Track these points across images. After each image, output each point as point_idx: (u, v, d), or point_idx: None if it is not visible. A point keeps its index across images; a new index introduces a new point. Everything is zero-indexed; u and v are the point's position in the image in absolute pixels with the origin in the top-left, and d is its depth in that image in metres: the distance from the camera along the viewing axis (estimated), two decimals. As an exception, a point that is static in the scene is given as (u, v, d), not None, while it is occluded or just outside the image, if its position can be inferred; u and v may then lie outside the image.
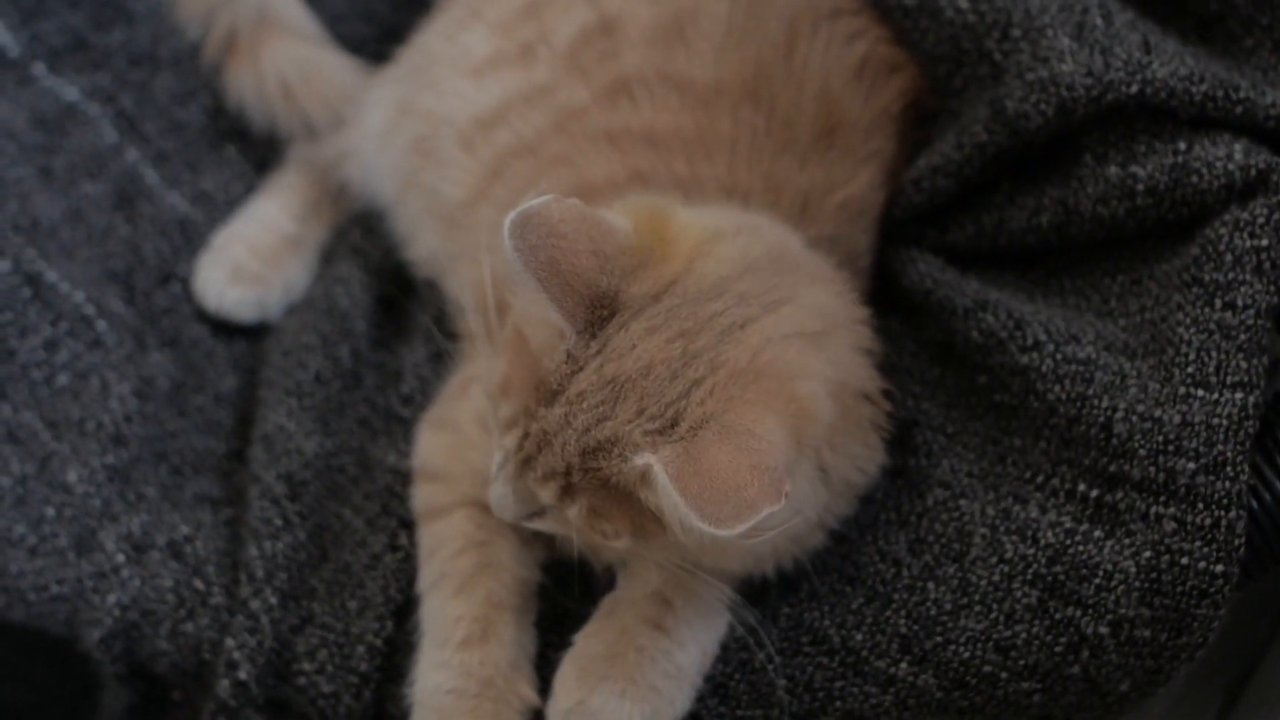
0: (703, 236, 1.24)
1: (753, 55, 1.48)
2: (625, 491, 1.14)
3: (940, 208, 1.48)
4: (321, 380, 1.56)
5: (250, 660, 1.39)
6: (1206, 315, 1.28)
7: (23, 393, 1.53)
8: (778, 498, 1.08)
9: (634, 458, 1.12)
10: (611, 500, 1.16)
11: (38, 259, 1.58)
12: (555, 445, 1.16)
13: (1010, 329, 1.35)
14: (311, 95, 1.73)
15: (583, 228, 1.17)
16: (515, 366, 1.20)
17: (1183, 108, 1.35)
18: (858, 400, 1.27)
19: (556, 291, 1.15)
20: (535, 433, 1.17)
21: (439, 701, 1.30)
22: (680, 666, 1.30)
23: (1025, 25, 1.39)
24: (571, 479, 1.16)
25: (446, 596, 1.35)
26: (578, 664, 1.29)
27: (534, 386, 1.18)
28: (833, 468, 1.24)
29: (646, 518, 1.15)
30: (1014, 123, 1.38)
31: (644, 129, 1.42)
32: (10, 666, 1.71)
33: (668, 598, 1.31)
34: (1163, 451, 1.24)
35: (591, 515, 1.17)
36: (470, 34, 1.62)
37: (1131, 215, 1.36)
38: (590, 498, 1.16)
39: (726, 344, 1.17)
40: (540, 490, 1.18)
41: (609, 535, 1.18)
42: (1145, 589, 1.23)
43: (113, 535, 1.47)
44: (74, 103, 1.71)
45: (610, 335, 1.17)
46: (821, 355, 1.21)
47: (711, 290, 1.20)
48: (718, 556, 1.24)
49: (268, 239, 1.69)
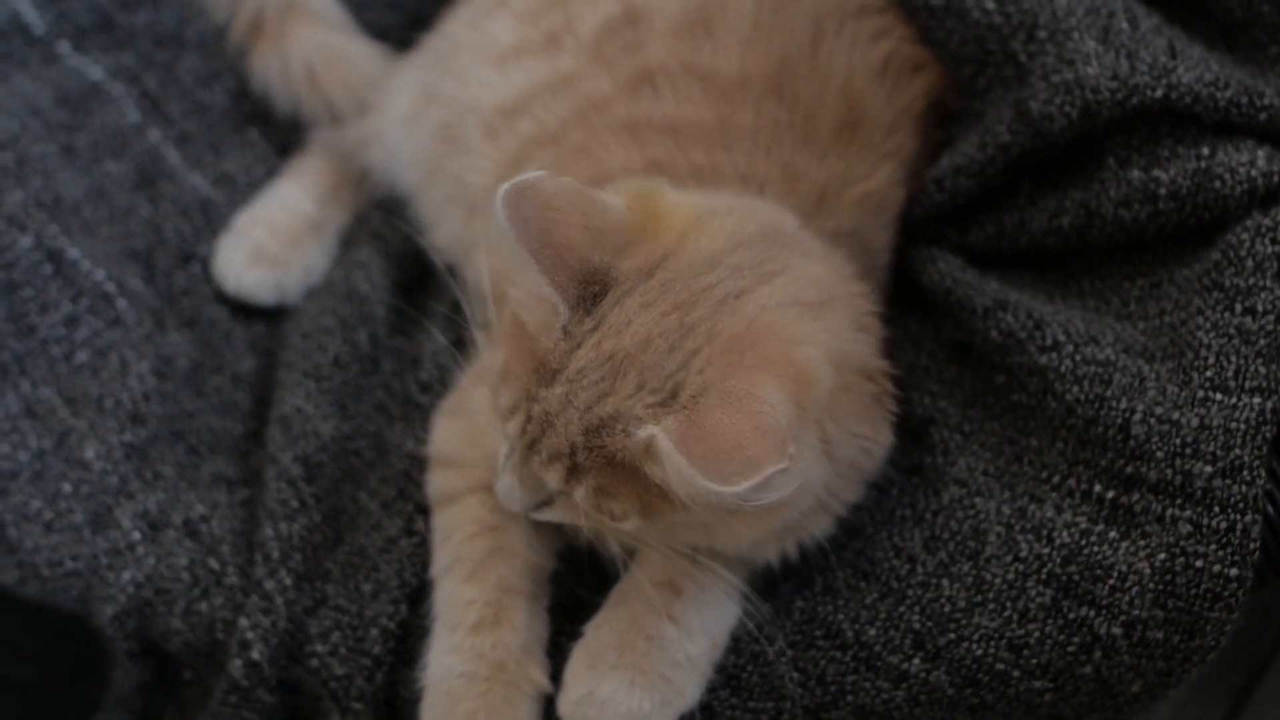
0: (695, 214, 1.25)
1: (778, 50, 1.48)
2: (631, 468, 1.14)
3: (961, 208, 1.49)
4: (340, 364, 1.56)
5: (264, 641, 1.39)
6: (1226, 320, 1.28)
7: (42, 368, 1.54)
8: (781, 457, 1.08)
9: (637, 431, 1.12)
10: (618, 478, 1.16)
11: (60, 235, 1.59)
12: (558, 425, 1.16)
13: (1030, 329, 1.36)
14: (336, 81, 1.73)
15: (576, 203, 1.18)
16: (514, 353, 1.21)
17: (1207, 113, 1.35)
18: (858, 376, 1.26)
19: (549, 264, 1.16)
20: (537, 415, 1.17)
21: (450, 685, 1.31)
22: (690, 656, 1.30)
23: (1051, 27, 1.39)
24: (576, 459, 1.16)
25: (459, 581, 1.35)
26: (587, 654, 1.30)
27: (533, 369, 1.18)
28: (836, 442, 1.23)
29: (654, 494, 1.15)
30: (1038, 124, 1.38)
31: (665, 119, 1.43)
32: (19, 645, 1.72)
33: (678, 587, 1.31)
34: (1180, 454, 1.25)
35: (599, 496, 1.17)
36: (496, 22, 1.63)
37: (1153, 219, 1.37)
38: (596, 477, 1.16)
39: (722, 314, 1.17)
40: (546, 474, 1.18)
41: (617, 516, 1.18)
42: (1159, 591, 1.23)
43: (129, 513, 1.48)
44: (98, 82, 1.72)
45: (605, 311, 1.18)
46: (819, 324, 1.21)
47: (705, 264, 1.21)
48: (726, 536, 1.24)
49: (288, 222, 1.70)
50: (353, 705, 1.38)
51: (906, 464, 1.41)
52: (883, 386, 1.30)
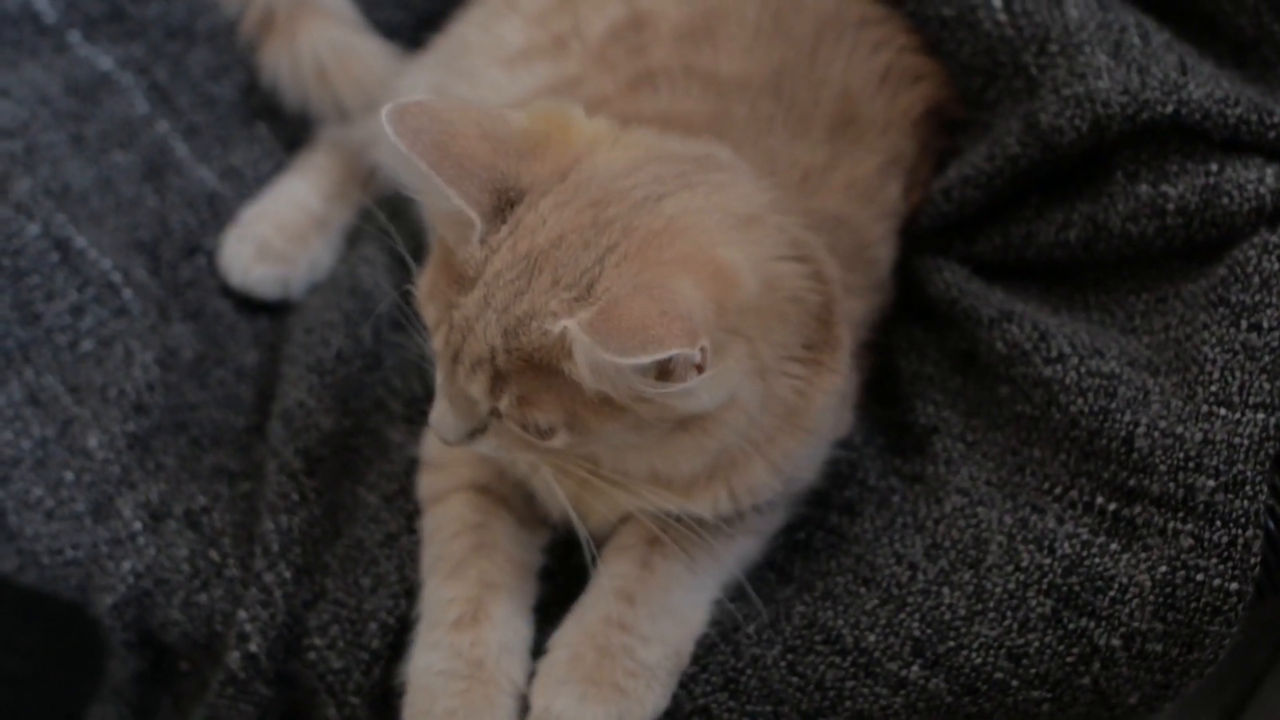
0: (609, 130, 1.24)
1: (777, 56, 1.49)
2: (552, 370, 1.13)
3: (968, 219, 1.49)
4: (343, 358, 1.57)
5: (262, 633, 1.39)
6: (1232, 335, 1.29)
7: (46, 356, 1.54)
8: (688, 342, 1.06)
9: (552, 328, 1.11)
10: (539, 383, 1.14)
11: (67, 224, 1.58)
12: (477, 330, 1.15)
13: (1035, 340, 1.36)
14: (345, 78, 1.73)
15: (468, 115, 1.17)
16: (439, 271, 1.20)
17: (1216, 129, 1.36)
18: (794, 306, 1.23)
19: (451, 174, 1.15)
20: (458, 322, 1.16)
21: (429, 682, 1.31)
22: (646, 664, 1.30)
23: (1063, 41, 1.40)
24: (497, 364, 1.14)
25: (441, 579, 1.36)
26: (545, 670, 1.30)
27: (453, 280, 1.18)
28: (770, 370, 1.22)
29: (578, 403, 1.14)
30: (1047, 137, 1.39)
31: (658, 113, 1.43)
32: (11, 636, 1.71)
33: (630, 593, 1.31)
34: (1183, 468, 1.25)
35: (523, 406, 1.15)
36: (505, 24, 1.63)
37: (1160, 234, 1.38)
38: (518, 385, 1.15)
39: (640, 213, 1.16)
40: (471, 386, 1.16)
41: (544, 431, 1.16)
42: (1159, 603, 1.24)
43: (130, 502, 1.48)
44: (108, 72, 1.72)
45: (520, 216, 1.17)
46: (745, 234, 1.20)
47: (623, 170, 1.20)
48: (660, 457, 1.22)
49: (295, 218, 1.70)
50: (349, 700, 1.38)
51: (909, 472, 1.42)
52: (831, 334, 1.28)
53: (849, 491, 1.43)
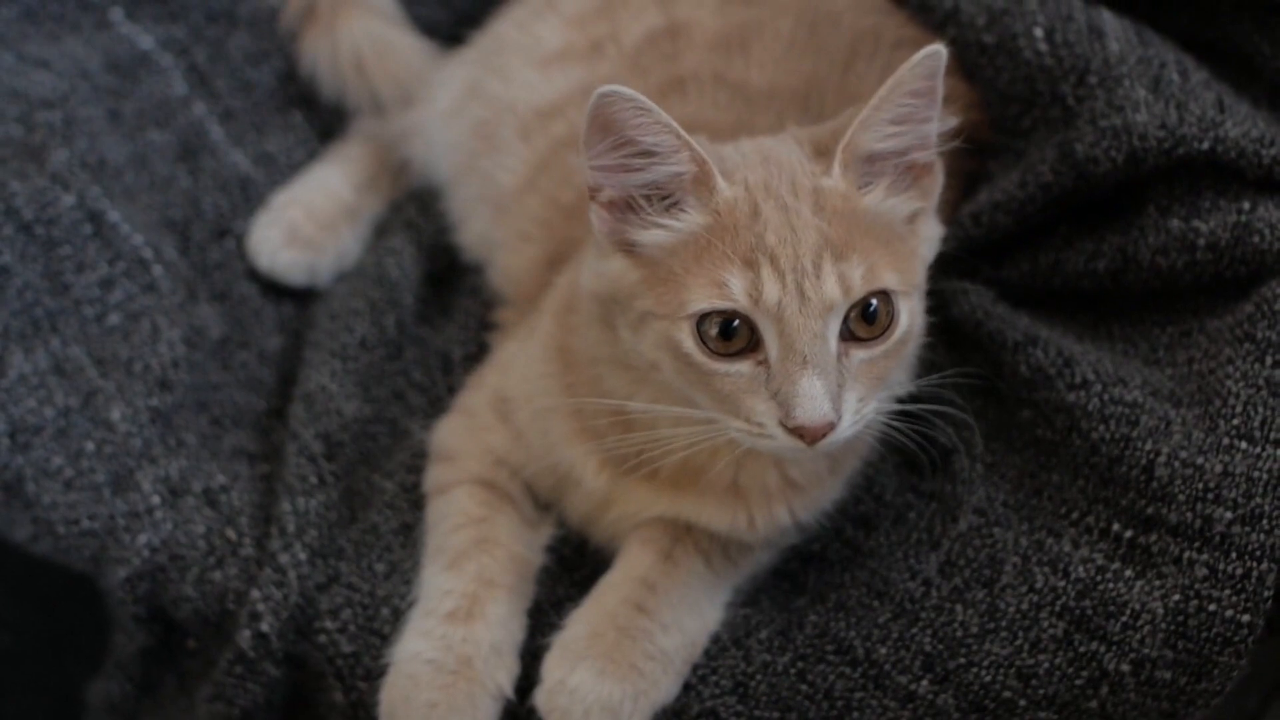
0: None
1: (809, 69, 1.51)
2: (855, 214, 1.20)
3: (997, 244, 1.50)
4: (366, 346, 1.57)
5: (274, 614, 1.40)
6: (1256, 371, 1.31)
7: (73, 327, 1.54)
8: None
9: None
10: (854, 230, 1.20)
11: (101, 197, 1.59)
12: (794, 224, 1.19)
13: (1059, 366, 1.37)
14: (383, 72, 1.75)
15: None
16: (696, 269, 1.21)
17: (1250, 169, 1.38)
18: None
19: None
20: (776, 239, 1.18)
21: (415, 668, 1.31)
22: (663, 650, 1.31)
23: (1102, 73, 1.42)
24: (830, 236, 1.18)
25: (439, 569, 1.37)
26: (561, 645, 1.31)
27: (729, 237, 1.20)
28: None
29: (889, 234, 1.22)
30: (1082, 166, 1.41)
31: (683, 120, 1.43)
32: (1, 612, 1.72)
33: (651, 582, 1.33)
34: (1201, 499, 1.27)
35: (870, 273, 1.19)
36: (544, 25, 1.65)
37: (1189, 268, 1.39)
38: (857, 244, 1.19)
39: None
40: (825, 286, 1.18)
41: (880, 275, 1.20)
42: (1171, 631, 1.25)
43: (150, 476, 1.48)
44: (148, 51, 1.73)
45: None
46: None
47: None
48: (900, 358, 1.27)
49: (326, 206, 1.71)
50: (357, 684, 1.38)
51: (926, 490, 1.43)
52: None
53: (865, 505, 1.44)
